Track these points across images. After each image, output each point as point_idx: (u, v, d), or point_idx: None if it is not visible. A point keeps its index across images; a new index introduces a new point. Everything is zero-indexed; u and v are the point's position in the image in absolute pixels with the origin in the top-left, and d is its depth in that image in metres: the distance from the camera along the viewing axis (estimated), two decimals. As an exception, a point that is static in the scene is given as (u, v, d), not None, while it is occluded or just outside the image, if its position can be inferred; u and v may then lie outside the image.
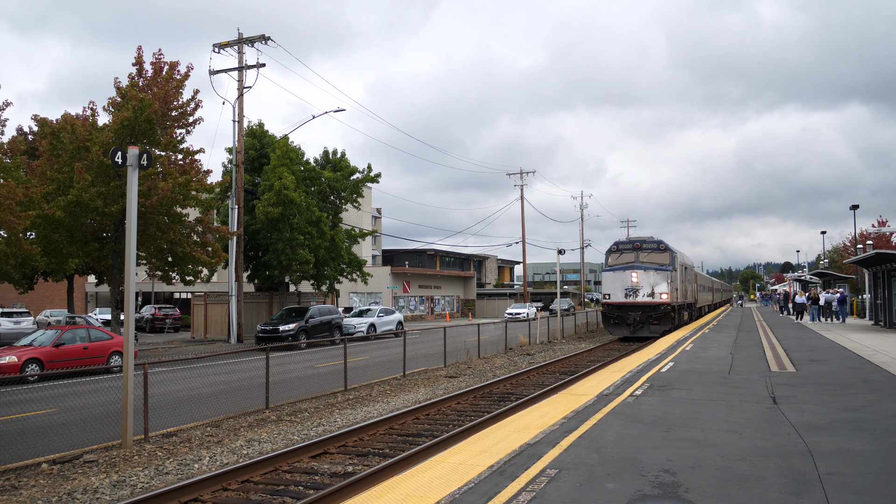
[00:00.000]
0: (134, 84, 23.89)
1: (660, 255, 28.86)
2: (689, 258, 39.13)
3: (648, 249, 29.11)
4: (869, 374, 13.18)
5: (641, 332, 28.00)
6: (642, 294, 28.08)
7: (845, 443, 7.33)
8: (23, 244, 22.22)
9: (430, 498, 5.56)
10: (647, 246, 29.27)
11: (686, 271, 34.68)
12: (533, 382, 16.66)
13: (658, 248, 29.12)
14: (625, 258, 29.20)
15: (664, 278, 28.12)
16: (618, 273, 28.76)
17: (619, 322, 28.47)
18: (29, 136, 30.75)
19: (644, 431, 8.02)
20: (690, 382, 12.27)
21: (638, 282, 28.10)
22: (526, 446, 7.29)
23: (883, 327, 29.33)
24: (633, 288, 28.21)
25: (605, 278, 29.60)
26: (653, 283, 28.04)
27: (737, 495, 5.53)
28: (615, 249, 29.88)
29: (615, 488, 5.74)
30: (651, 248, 29.19)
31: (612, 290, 28.82)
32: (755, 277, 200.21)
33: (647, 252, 29.02)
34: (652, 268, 28.28)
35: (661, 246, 29.21)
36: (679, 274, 30.98)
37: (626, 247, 29.68)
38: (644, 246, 29.25)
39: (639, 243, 29.39)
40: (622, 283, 28.44)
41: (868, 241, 50.12)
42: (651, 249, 29.12)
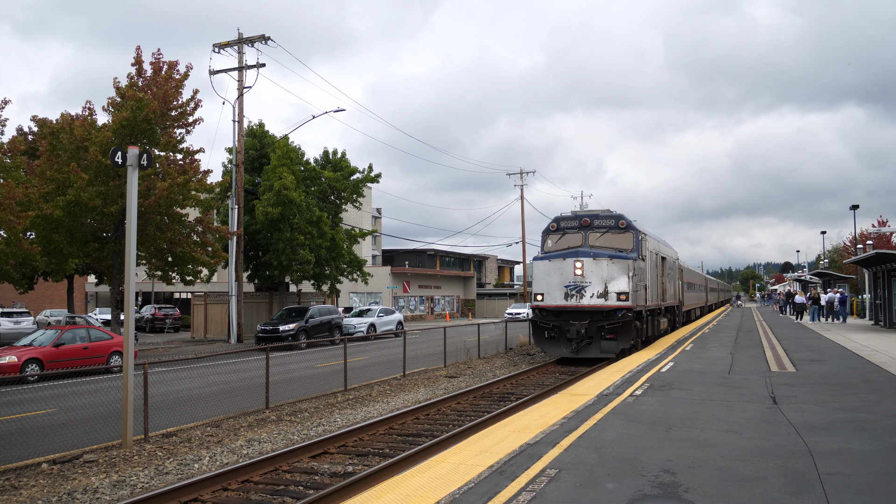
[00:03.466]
0: (133, 84, 23.88)
1: (618, 236, 19.63)
2: (669, 247, 29.34)
3: (601, 228, 19.79)
4: (869, 374, 13.18)
5: (588, 352, 18.80)
6: (590, 294, 18.58)
7: (845, 443, 7.33)
8: (23, 244, 22.21)
9: (430, 498, 5.56)
10: (599, 223, 19.90)
11: (664, 263, 25.09)
12: (533, 382, 16.66)
13: (617, 227, 19.68)
14: (568, 241, 19.89)
15: (623, 270, 18.55)
16: (555, 263, 19.18)
17: (557, 336, 19.13)
18: (29, 137, 30.74)
19: (644, 431, 8.02)
20: (690, 382, 12.27)
21: (583, 275, 18.64)
22: (526, 446, 7.29)
23: (883, 327, 29.33)
24: (576, 285, 18.73)
25: (537, 270, 19.66)
26: (606, 276, 18.54)
27: (737, 495, 5.53)
28: (554, 229, 20.33)
29: (615, 488, 5.74)
30: (605, 225, 19.83)
31: (545, 287, 19.27)
32: (755, 277, 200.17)
33: (600, 232, 19.73)
34: (605, 255, 18.82)
35: (622, 223, 19.69)
36: (649, 265, 21.44)
37: (569, 224, 20.17)
38: (595, 223, 19.87)
39: (587, 219, 19.90)
40: (561, 276, 18.97)
41: (868, 241, 50.11)
42: (605, 228, 19.77)
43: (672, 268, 28.13)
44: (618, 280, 18.55)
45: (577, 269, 18.78)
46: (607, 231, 19.74)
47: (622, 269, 18.65)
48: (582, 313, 18.79)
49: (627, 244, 19.53)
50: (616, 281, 18.54)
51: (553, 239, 20.36)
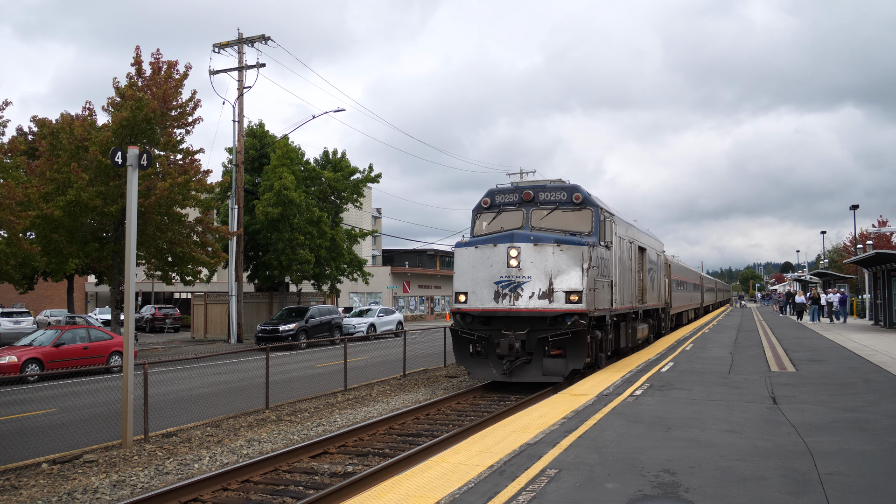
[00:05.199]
0: (132, 84, 23.89)
1: (572, 214, 14.81)
2: (652, 236, 24.02)
3: (549, 204, 14.94)
4: (869, 374, 13.18)
5: (525, 375, 13.90)
6: (529, 293, 13.68)
7: (845, 443, 7.33)
8: (23, 244, 22.23)
9: (430, 498, 5.56)
10: (546, 197, 14.99)
11: (642, 255, 20.27)
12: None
13: (570, 203, 14.83)
14: (505, 221, 15.15)
15: (575, 260, 13.61)
16: (482, 251, 14.14)
17: (485, 351, 14.18)
18: (29, 137, 30.74)
19: (644, 431, 8.01)
20: (690, 382, 12.27)
21: (520, 267, 13.71)
22: (526, 446, 7.29)
23: (883, 327, 29.32)
24: (510, 280, 13.78)
25: (460, 261, 14.58)
26: (552, 269, 13.61)
27: (737, 495, 5.53)
28: (487, 206, 15.51)
29: (615, 488, 5.74)
30: (554, 200, 14.94)
31: (470, 284, 14.25)
32: (755, 277, 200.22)
33: (547, 209, 14.90)
34: (550, 239, 13.85)
35: (576, 197, 14.79)
36: (618, 255, 16.47)
37: (506, 199, 15.37)
38: (541, 197, 14.99)
39: (530, 192, 15.03)
40: (489, 269, 13.98)
41: (868, 241, 50.12)
42: (554, 204, 14.90)
43: (655, 262, 23.01)
44: (567, 274, 13.42)
45: (511, 258, 13.56)
46: (557, 207, 14.69)
47: (573, 258, 13.46)
48: (518, 320, 13.64)
49: (584, 225, 14.56)
50: (565, 275, 13.41)
51: (485, 219, 15.34)
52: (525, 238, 13.84)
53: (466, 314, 14.32)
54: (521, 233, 14.05)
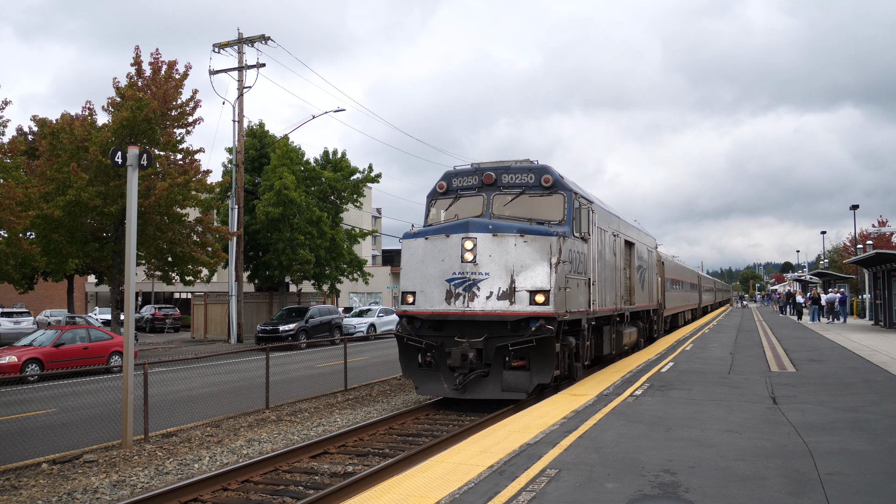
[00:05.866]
0: (132, 84, 23.89)
1: (540, 199, 12.81)
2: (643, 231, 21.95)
3: (514, 188, 12.95)
4: (869, 374, 13.19)
5: (481, 391, 11.94)
6: (487, 292, 11.71)
7: (845, 443, 7.33)
8: (23, 244, 22.23)
9: (430, 498, 5.56)
10: (510, 180, 13.01)
11: (630, 251, 18.53)
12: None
13: (538, 186, 12.82)
14: (462, 208, 13.15)
15: (542, 253, 11.68)
16: (433, 243, 12.22)
17: (435, 361, 12.30)
18: (29, 137, 30.75)
19: (644, 431, 8.02)
20: (690, 382, 12.27)
21: (476, 261, 11.79)
22: (526, 446, 7.29)
23: (883, 327, 29.32)
24: (464, 278, 11.85)
25: (408, 255, 12.74)
26: (514, 263, 11.70)
27: (737, 495, 5.53)
28: (443, 190, 13.54)
29: (615, 488, 5.74)
30: (520, 183, 12.95)
31: (419, 282, 12.37)
32: (755, 277, 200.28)
33: (512, 194, 12.89)
34: (512, 228, 11.87)
35: (546, 180, 12.78)
36: (598, 248, 14.57)
37: (465, 182, 13.34)
38: (504, 181, 13.01)
39: (491, 173, 13.00)
40: (441, 264, 12.06)
41: (868, 241, 50.13)
42: (520, 188, 12.90)
43: (646, 259, 21.12)
44: (532, 270, 11.46)
45: (465, 251, 11.60)
46: (523, 192, 12.68)
47: (539, 251, 11.49)
48: (473, 325, 11.74)
49: (555, 213, 12.54)
50: (529, 271, 11.47)
51: (441, 206, 13.39)
52: (482, 227, 11.78)
53: (414, 318, 12.36)
54: (478, 221, 11.98)
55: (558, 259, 11.71)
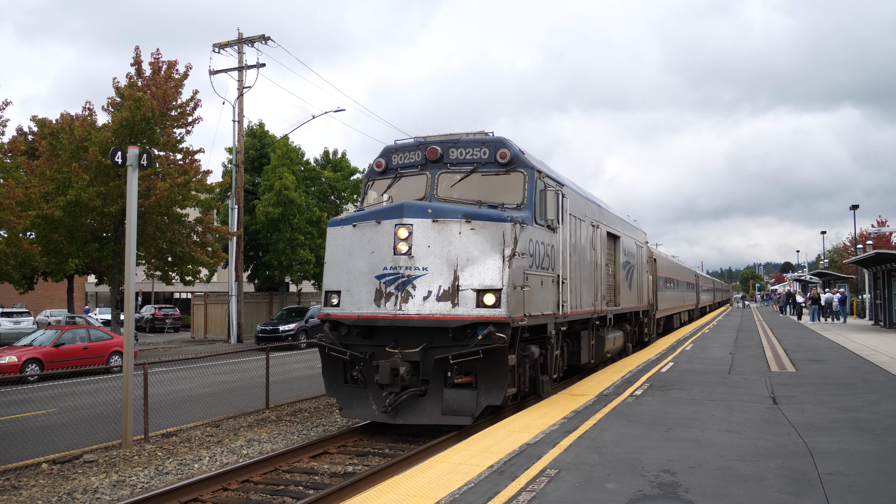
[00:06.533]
0: (132, 84, 23.89)
1: (496, 179, 10.78)
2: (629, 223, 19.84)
3: (465, 165, 10.89)
4: (869, 374, 13.19)
5: (416, 414, 9.78)
6: (425, 292, 9.56)
7: (845, 443, 7.33)
8: (23, 244, 22.24)
9: (430, 498, 5.56)
10: (459, 156, 10.94)
11: (615, 245, 16.71)
12: None
13: (494, 163, 10.77)
14: (402, 190, 11.19)
15: (493, 243, 9.60)
16: (363, 231, 10.12)
17: (364, 376, 10.10)
18: (29, 137, 30.76)
19: (644, 431, 8.02)
20: (690, 382, 12.27)
21: (411, 253, 9.63)
22: (526, 446, 7.29)
23: (883, 327, 29.33)
24: (397, 274, 9.66)
25: (333, 246, 10.70)
26: (458, 256, 9.55)
27: (737, 495, 5.53)
28: (381, 169, 11.58)
29: (615, 488, 5.74)
30: (471, 160, 10.88)
31: (345, 279, 10.29)
32: (755, 277, 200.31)
33: (461, 172, 10.86)
34: (457, 213, 9.74)
35: (502, 155, 10.68)
36: (571, 240, 12.57)
37: (406, 160, 11.36)
38: (452, 156, 10.96)
39: (436, 148, 10.91)
40: (371, 257, 9.94)
41: (868, 241, 50.14)
42: (471, 165, 10.84)
43: (634, 254, 19.15)
44: (480, 264, 9.46)
45: (399, 240, 9.55)
46: (475, 170, 10.65)
47: (489, 240, 9.53)
48: (409, 332, 9.66)
49: (513, 195, 10.48)
50: (477, 265, 9.46)
51: (378, 188, 11.42)
52: (419, 211, 9.65)
53: (339, 323, 10.30)
54: (415, 204, 9.85)
55: (513, 251, 9.58)
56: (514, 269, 9.60)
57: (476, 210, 9.89)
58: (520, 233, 9.89)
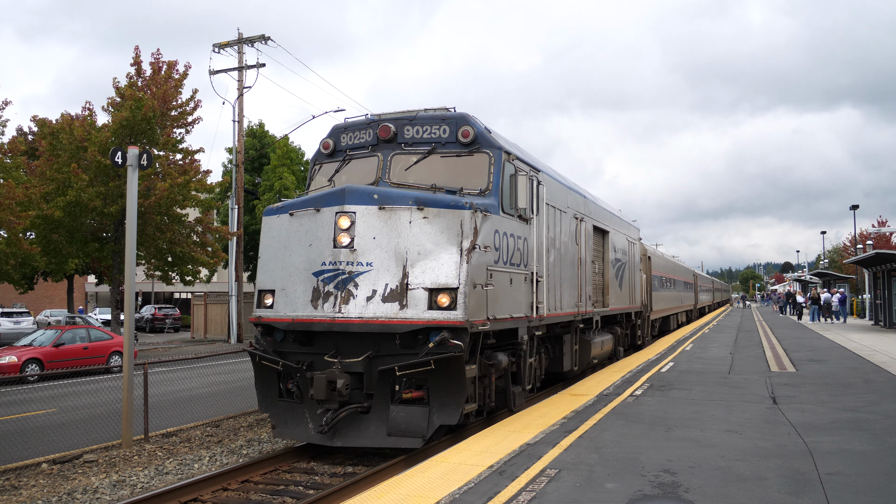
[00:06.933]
0: (132, 84, 23.90)
1: (457, 161, 9.44)
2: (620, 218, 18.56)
3: (422, 145, 9.56)
4: (869, 374, 13.19)
5: (358, 435, 8.51)
6: (369, 290, 8.34)
7: (845, 443, 7.33)
8: (23, 244, 22.24)
9: (430, 498, 5.56)
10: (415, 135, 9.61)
11: (604, 240, 15.75)
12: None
13: (455, 142, 9.42)
14: (352, 173, 9.92)
15: (450, 235, 8.37)
16: (300, 220, 8.95)
17: (300, 389, 8.83)
18: (29, 137, 30.76)
19: (644, 431, 8.02)
20: (690, 382, 12.27)
21: (354, 246, 8.41)
22: (526, 446, 7.29)
23: (883, 327, 29.33)
24: (337, 270, 8.41)
25: (267, 237, 9.53)
26: (407, 249, 8.36)
27: (737, 495, 5.53)
28: (328, 150, 10.29)
29: (615, 488, 5.74)
30: (429, 138, 9.54)
31: (279, 276, 9.07)
32: (755, 277, 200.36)
33: (417, 153, 9.54)
34: (407, 199, 8.52)
35: (465, 133, 9.31)
36: (546, 233, 11.20)
37: (356, 140, 10.04)
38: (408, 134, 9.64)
39: (390, 126, 9.57)
40: (308, 251, 8.74)
41: (868, 241, 50.15)
42: (429, 145, 9.51)
43: (626, 251, 18.04)
44: (434, 258, 8.32)
45: (340, 231, 8.43)
46: (433, 151, 9.43)
47: (445, 231, 8.39)
48: (352, 338, 8.49)
49: (476, 179, 9.24)
50: (430, 260, 8.32)
51: (326, 172, 10.21)
52: (363, 197, 8.47)
53: (272, 327, 8.99)
54: (358, 188, 8.65)
55: (473, 243, 8.36)
56: (474, 264, 8.36)
57: (430, 196, 8.65)
58: (482, 222, 8.65)
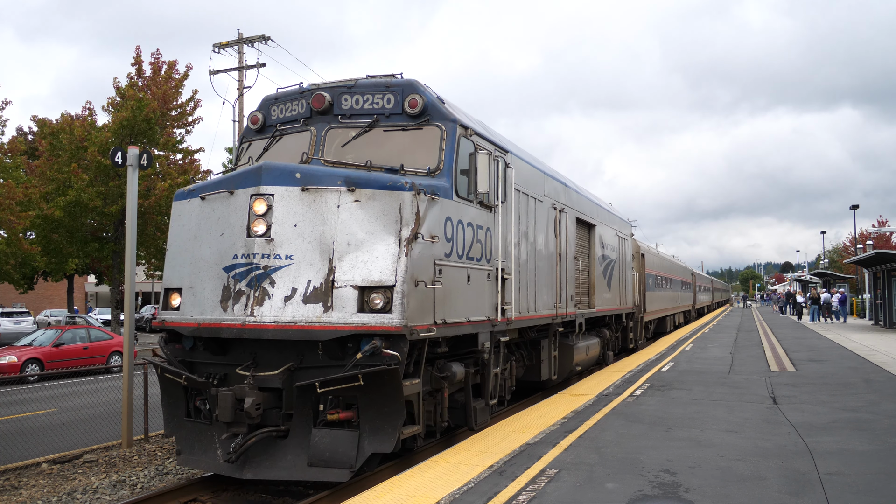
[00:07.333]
0: (133, 84, 23.93)
1: (402, 136, 8.02)
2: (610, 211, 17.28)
3: (361, 117, 8.13)
4: (869, 374, 13.19)
5: (273, 466, 7.06)
6: (287, 288, 6.85)
7: (845, 443, 7.33)
8: (23, 244, 22.27)
9: (430, 498, 5.56)
10: (355, 106, 8.17)
11: (590, 234, 14.58)
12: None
13: (402, 114, 8.02)
14: (283, 151, 8.43)
15: (386, 221, 6.97)
16: (213, 204, 7.48)
17: (207, 409, 7.31)
18: (29, 137, 30.77)
19: (644, 431, 8.01)
20: (690, 382, 12.27)
21: (271, 235, 6.94)
22: (526, 446, 7.28)
23: (883, 327, 29.32)
24: (250, 263, 6.92)
25: (176, 226, 7.99)
26: (334, 240, 6.92)
27: (737, 495, 5.53)
28: (257, 125, 8.86)
29: (615, 488, 5.74)
30: (370, 110, 8.12)
31: (187, 271, 7.58)
32: (755, 277, 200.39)
33: (357, 126, 8.10)
34: (335, 178, 7.08)
35: (412, 104, 7.91)
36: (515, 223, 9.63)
37: (288, 113, 8.61)
38: (345, 105, 8.20)
39: (324, 95, 8.17)
40: (220, 241, 7.28)
41: (868, 241, 50.15)
42: (370, 115, 8.09)
43: (615, 248, 16.74)
44: (367, 249, 7.00)
45: (255, 217, 7.07)
46: (376, 124, 8.10)
47: (381, 217, 7.08)
48: (270, 346, 7.12)
49: (425, 157, 7.91)
50: (362, 252, 6.99)
51: (255, 150, 8.86)
52: (283, 176, 7.08)
53: (178, 332, 7.62)
54: (276, 166, 7.26)
55: (414, 231, 6.96)
56: (416, 257, 6.95)
57: (363, 175, 7.19)
58: (428, 207, 7.24)
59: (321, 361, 7.02)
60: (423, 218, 7.18)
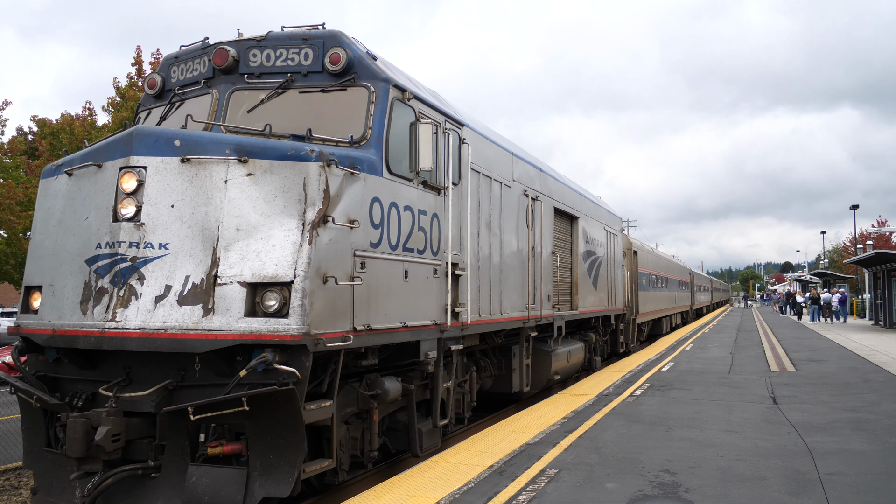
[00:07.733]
0: (133, 84, 23.90)
1: (323, 98, 6.49)
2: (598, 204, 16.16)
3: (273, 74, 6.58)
4: (869, 374, 13.19)
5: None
6: (160, 286, 5.34)
7: (845, 443, 7.33)
8: (23, 244, 22.27)
9: (430, 498, 5.56)
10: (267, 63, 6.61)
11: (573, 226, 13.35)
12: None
13: (322, 72, 6.48)
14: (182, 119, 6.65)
15: (288, 201, 5.49)
16: (80, 182, 5.90)
17: (64, 437, 5.43)
18: (29, 137, 30.76)
19: (644, 431, 8.01)
20: (690, 382, 12.27)
21: (142, 217, 5.43)
22: (526, 446, 7.28)
23: (883, 327, 29.34)
24: (114, 256, 5.40)
25: (42, 208, 6.36)
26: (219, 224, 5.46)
27: (737, 495, 5.53)
28: (155, 90, 7.36)
29: (615, 488, 5.74)
30: (283, 66, 6.57)
31: (49, 266, 5.98)
32: (755, 277, 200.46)
33: (267, 87, 6.57)
34: (224, 146, 5.62)
35: (335, 59, 6.38)
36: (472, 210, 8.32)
37: (190, 73, 7.03)
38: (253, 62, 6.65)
39: (228, 50, 6.64)
40: (84, 227, 5.70)
41: (868, 241, 50.18)
42: (283, 74, 6.55)
43: (602, 243, 15.46)
44: (262, 236, 5.47)
45: (123, 195, 5.50)
46: (291, 84, 6.60)
47: (281, 194, 5.56)
48: (144, 359, 5.54)
49: (350, 123, 6.41)
50: (256, 239, 5.46)
51: (153, 120, 7.46)
52: (159, 144, 5.70)
53: (33, 341, 6.15)
54: (152, 132, 5.93)
55: (323, 213, 5.60)
56: (325, 246, 5.60)
57: (258, 142, 5.83)
58: (345, 183, 5.88)
59: (208, 379, 5.47)
60: (338, 197, 5.78)
